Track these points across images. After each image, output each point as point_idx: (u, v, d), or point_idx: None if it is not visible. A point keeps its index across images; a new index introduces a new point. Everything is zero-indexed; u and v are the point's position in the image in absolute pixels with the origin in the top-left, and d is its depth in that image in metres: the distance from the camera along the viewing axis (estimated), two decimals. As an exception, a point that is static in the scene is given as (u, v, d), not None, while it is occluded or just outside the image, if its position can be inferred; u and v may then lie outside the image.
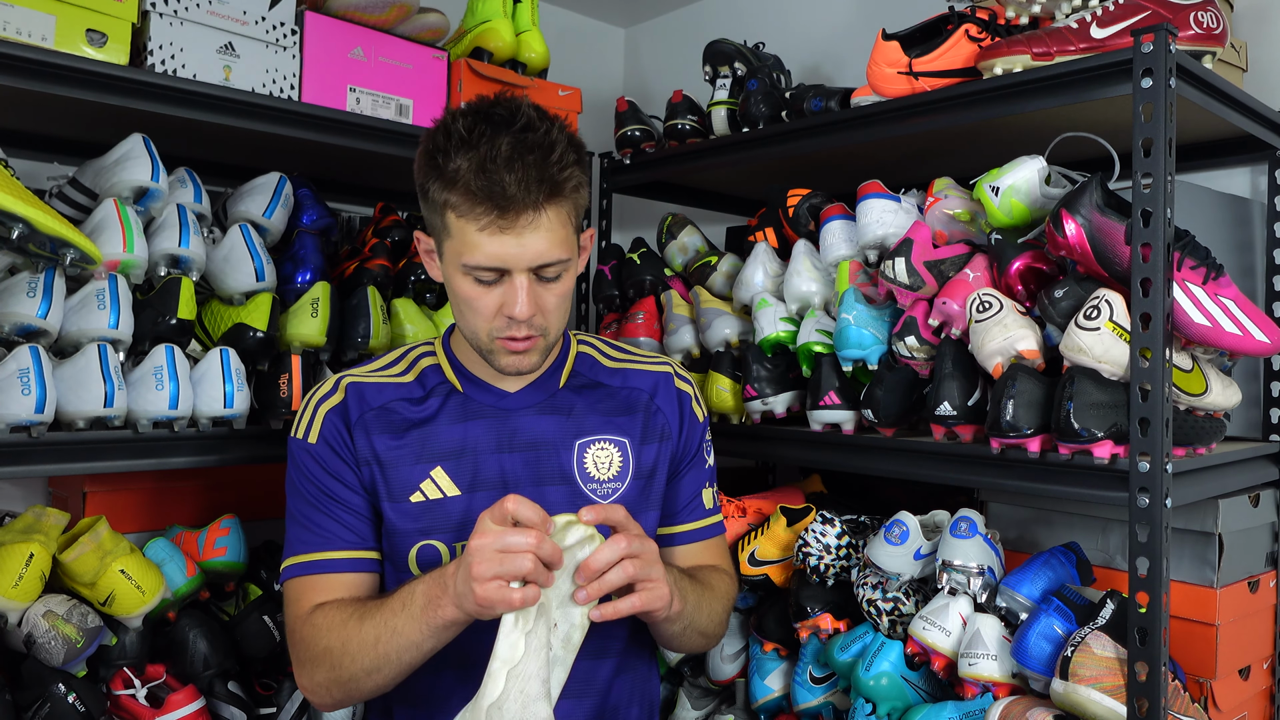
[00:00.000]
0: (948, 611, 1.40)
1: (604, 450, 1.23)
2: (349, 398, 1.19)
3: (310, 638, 1.11)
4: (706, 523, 1.32)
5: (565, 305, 1.16)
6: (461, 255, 1.09)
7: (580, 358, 1.29)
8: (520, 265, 1.08)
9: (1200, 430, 1.31)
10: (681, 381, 1.31)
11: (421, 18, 1.70)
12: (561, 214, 1.09)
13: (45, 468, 1.31)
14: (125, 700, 1.41)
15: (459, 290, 1.12)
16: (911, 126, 1.49)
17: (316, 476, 1.17)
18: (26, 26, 1.30)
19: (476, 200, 1.05)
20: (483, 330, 1.13)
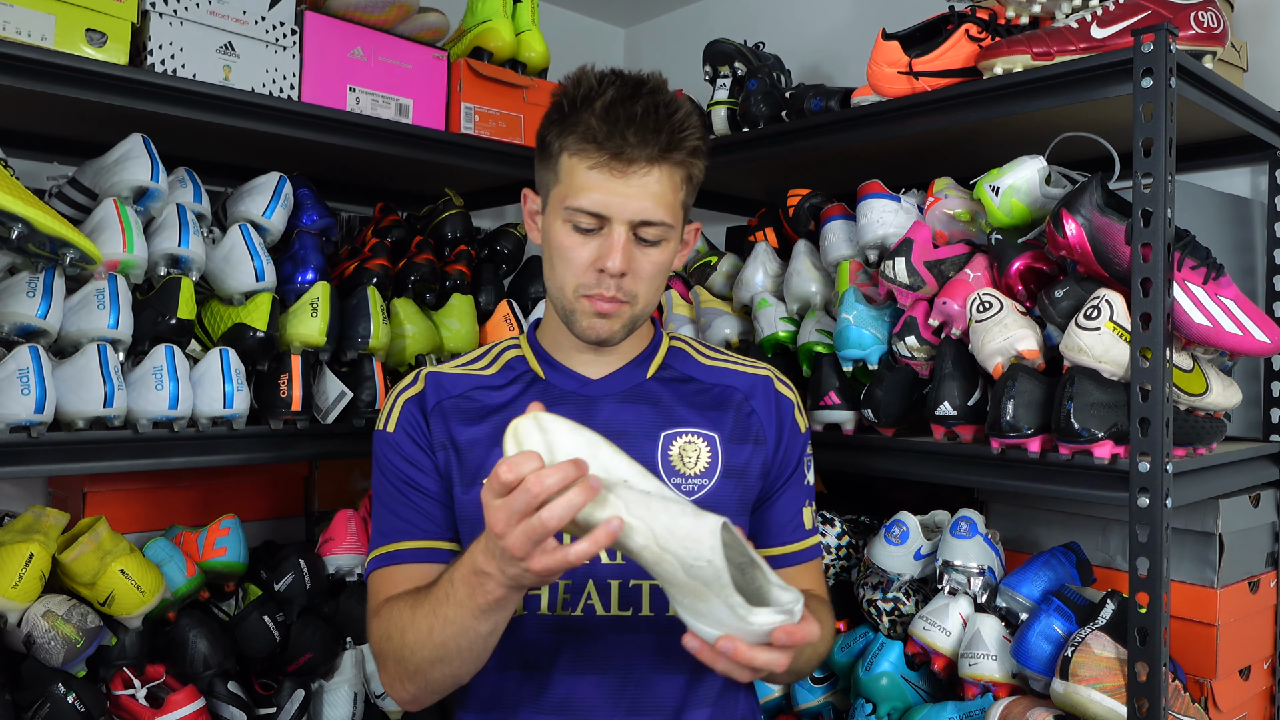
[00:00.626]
0: (948, 611, 1.40)
1: (691, 444, 1.16)
2: (427, 386, 1.18)
3: (377, 633, 1.09)
4: (807, 544, 1.22)
5: (659, 280, 1.13)
6: (566, 198, 1.07)
7: (673, 351, 1.24)
8: (623, 215, 1.06)
9: (1200, 430, 1.31)
10: (784, 387, 1.23)
11: (421, 17, 1.70)
12: (674, 178, 1.08)
13: (45, 468, 1.30)
14: (125, 700, 1.41)
15: (555, 239, 1.10)
16: (911, 126, 1.49)
17: (396, 465, 1.15)
18: (26, 26, 1.30)
19: (594, 141, 1.05)
20: (570, 285, 1.10)
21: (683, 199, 1.12)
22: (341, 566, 1.61)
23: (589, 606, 1.11)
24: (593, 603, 1.11)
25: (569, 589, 1.12)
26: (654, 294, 1.13)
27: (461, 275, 1.76)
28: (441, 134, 1.71)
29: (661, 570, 0.85)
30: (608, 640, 1.11)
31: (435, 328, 1.70)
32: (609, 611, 1.11)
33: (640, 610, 1.11)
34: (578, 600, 1.11)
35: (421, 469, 1.15)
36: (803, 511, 1.21)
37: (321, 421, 1.55)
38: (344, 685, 1.57)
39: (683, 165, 1.09)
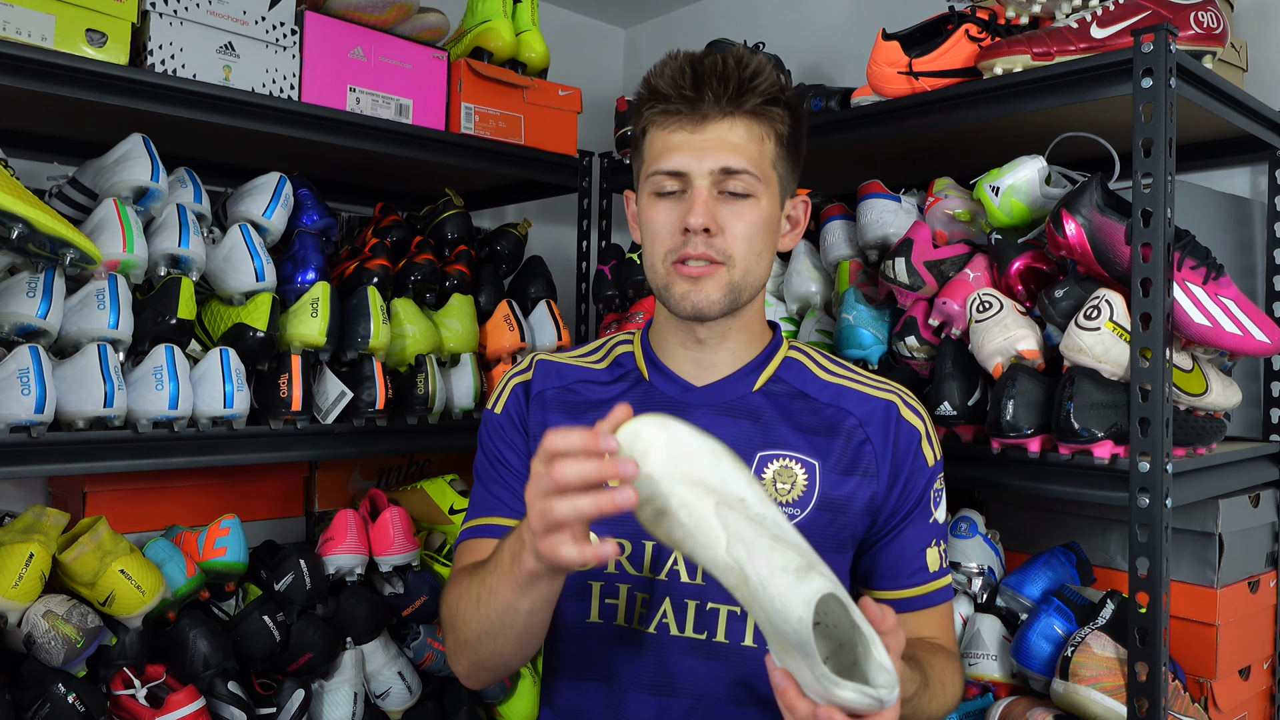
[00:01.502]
0: (948, 611, 1.40)
1: (787, 469, 1.08)
2: (536, 372, 1.17)
3: (446, 600, 1.08)
4: (930, 588, 1.11)
5: (757, 245, 1.07)
6: (648, 167, 1.06)
7: (788, 363, 1.15)
8: (701, 167, 1.03)
9: (1200, 430, 1.31)
10: (910, 414, 1.13)
11: (421, 18, 1.70)
12: (754, 129, 1.05)
13: (45, 468, 1.30)
14: (125, 700, 1.41)
15: (643, 215, 1.09)
16: (911, 126, 1.49)
17: (495, 444, 1.16)
18: (26, 26, 1.30)
19: (668, 103, 1.04)
20: (659, 254, 1.07)
21: (770, 157, 1.08)
22: (341, 566, 1.61)
23: (663, 625, 1.07)
24: (667, 621, 1.07)
25: (645, 603, 1.08)
26: (754, 260, 1.07)
27: (461, 275, 1.77)
28: (441, 134, 1.71)
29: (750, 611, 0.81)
30: (679, 663, 1.06)
31: (435, 328, 1.70)
32: (683, 632, 1.07)
33: (715, 635, 1.06)
34: (652, 616, 1.07)
35: (516, 451, 1.15)
36: (926, 552, 1.11)
37: (321, 421, 1.55)
38: (344, 685, 1.57)
39: (761, 116, 1.06)
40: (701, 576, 1.06)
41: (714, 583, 1.01)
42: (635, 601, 1.08)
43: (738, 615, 1.06)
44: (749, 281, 1.08)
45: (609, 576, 1.09)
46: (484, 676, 1.07)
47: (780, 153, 1.09)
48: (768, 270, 1.11)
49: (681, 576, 1.07)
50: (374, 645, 1.62)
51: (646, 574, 1.08)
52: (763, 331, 1.17)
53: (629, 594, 1.08)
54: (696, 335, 1.11)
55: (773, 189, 1.08)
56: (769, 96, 1.06)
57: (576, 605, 1.11)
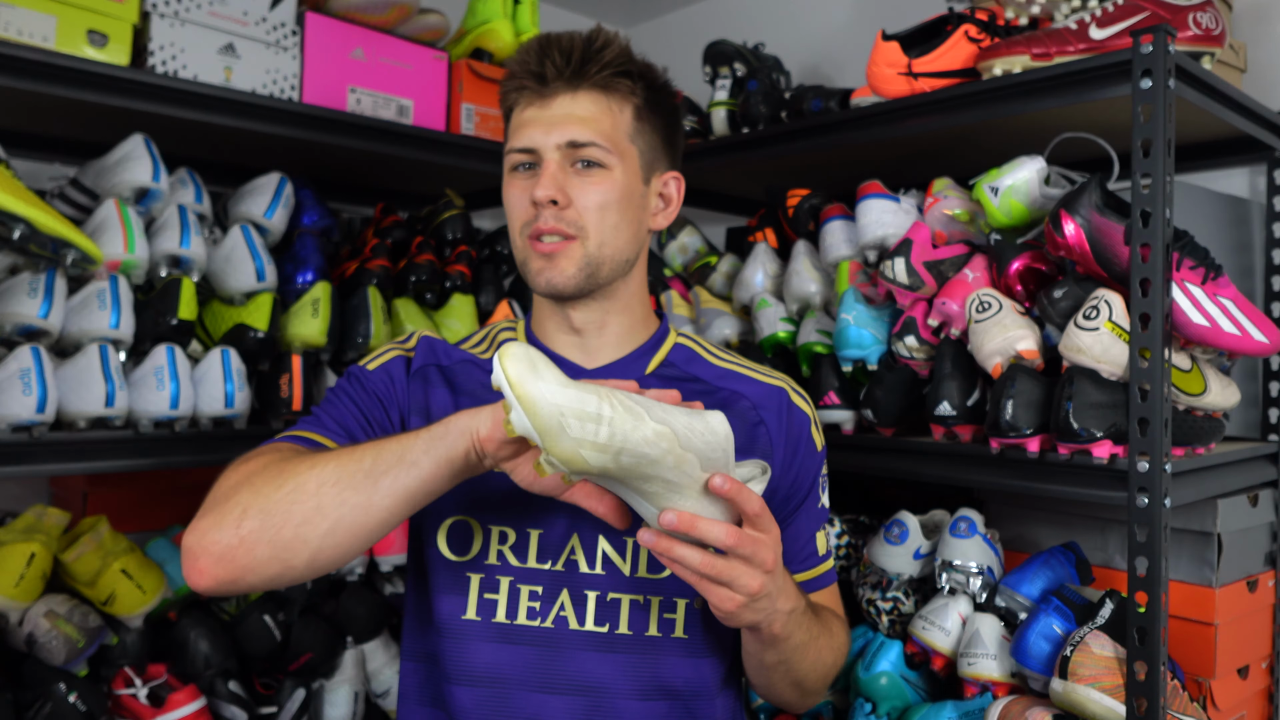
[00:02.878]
0: (947, 611, 1.40)
1: None
2: (420, 349, 1.12)
3: (233, 478, 0.92)
4: (821, 570, 1.14)
5: (612, 218, 1.04)
6: (506, 147, 1.07)
7: (678, 349, 1.15)
8: (548, 141, 1.03)
9: (1199, 430, 1.31)
10: (800, 400, 1.13)
11: (422, 18, 1.70)
12: (602, 102, 1.05)
13: (46, 468, 1.31)
14: (126, 700, 1.42)
15: (504, 193, 1.08)
16: (911, 127, 1.49)
17: (349, 389, 1.08)
18: (27, 27, 1.30)
19: (520, 79, 1.05)
20: (518, 231, 1.06)
21: (626, 128, 1.06)
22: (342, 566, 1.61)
23: (561, 619, 1.02)
24: (565, 615, 1.02)
25: (535, 596, 1.02)
26: (609, 232, 1.05)
27: (462, 275, 1.77)
28: (442, 134, 1.72)
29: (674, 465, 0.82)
30: (579, 659, 1.01)
31: (436, 328, 1.70)
32: (583, 626, 1.02)
33: (618, 627, 1.02)
34: (549, 610, 1.02)
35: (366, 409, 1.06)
36: (816, 538, 1.13)
37: (322, 421, 1.55)
38: (345, 685, 1.57)
39: (611, 89, 1.05)
40: (601, 566, 1.03)
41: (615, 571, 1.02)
42: (519, 595, 1.02)
43: (640, 604, 1.03)
44: (605, 254, 1.05)
45: (489, 568, 1.03)
46: (245, 581, 0.87)
47: (639, 126, 1.08)
48: (630, 245, 1.08)
49: (580, 566, 1.03)
50: (374, 644, 1.62)
51: (533, 564, 1.03)
52: (647, 317, 1.15)
53: (511, 587, 1.02)
54: (572, 324, 1.09)
55: (630, 162, 1.07)
56: (617, 68, 1.05)
57: (451, 600, 1.03)
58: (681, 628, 1.04)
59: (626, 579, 1.04)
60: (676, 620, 1.04)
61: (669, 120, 1.12)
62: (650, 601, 1.03)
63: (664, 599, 1.04)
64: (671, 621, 1.04)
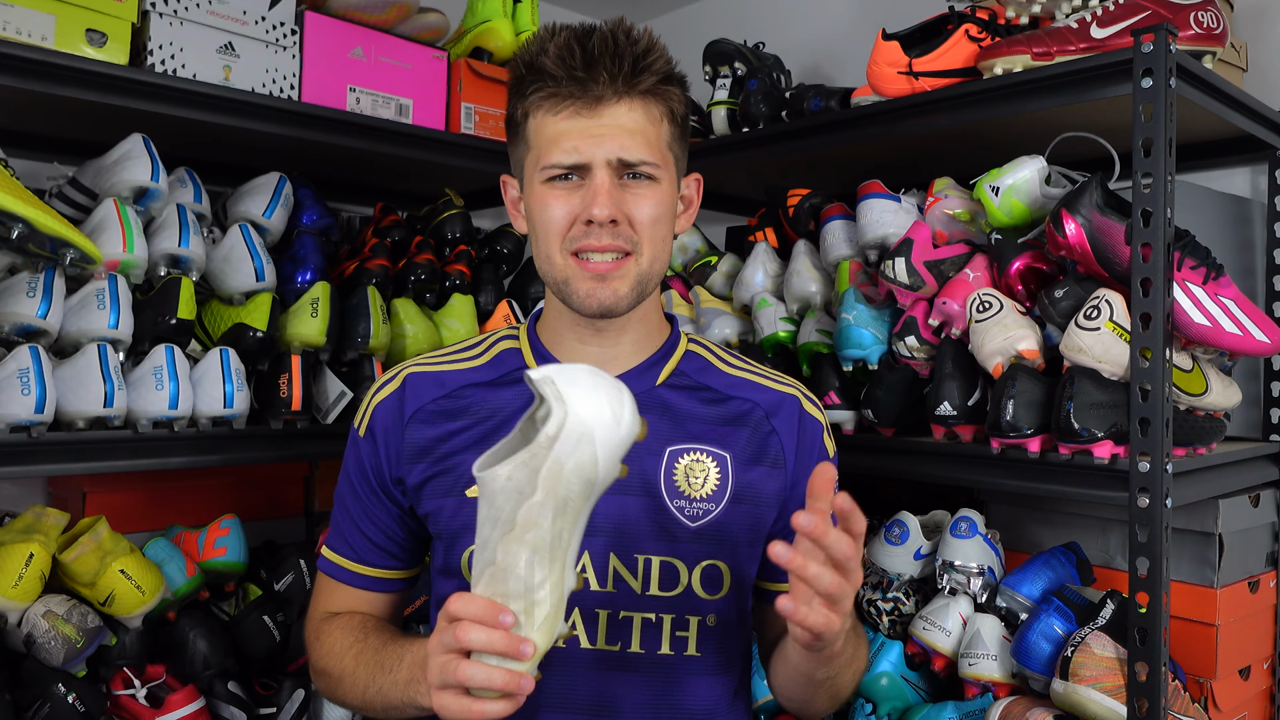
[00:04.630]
0: (948, 611, 1.40)
1: (699, 462, 1.04)
2: (406, 389, 1.07)
3: (313, 646, 1.09)
4: None
5: (661, 231, 1.01)
6: (540, 160, 0.99)
7: (690, 356, 1.11)
8: (600, 155, 0.97)
9: (1200, 430, 1.31)
10: (812, 408, 1.12)
11: (421, 18, 1.70)
12: (650, 109, 0.99)
13: (45, 468, 1.31)
14: (125, 700, 1.41)
15: (536, 208, 1.00)
16: (911, 126, 1.49)
17: (355, 473, 1.09)
18: (26, 26, 1.30)
19: (556, 85, 0.97)
20: (557, 249, 0.99)
21: (667, 138, 1.02)
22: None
23: (572, 638, 1.01)
24: (577, 634, 1.01)
25: None
26: (659, 249, 1.02)
27: (462, 275, 1.76)
28: (441, 134, 1.71)
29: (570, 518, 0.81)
30: (592, 677, 1.01)
31: (435, 328, 1.70)
32: (594, 645, 1.01)
33: (630, 646, 1.01)
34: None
35: (375, 491, 1.08)
36: None
37: (321, 421, 1.55)
38: (344, 685, 1.57)
39: (658, 96, 1.00)
40: (612, 584, 1.01)
41: (627, 589, 1.01)
42: None
43: (652, 623, 1.01)
44: (655, 270, 1.03)
45: None
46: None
47: (675, 132, 1.04)
48: (669, 255, 1.06)
49: (591, 584, 1.01)
50: (374, 645, 1.62)
51: None
52: (661, 323, 1.12)
53: None
54: (596, 327, 1.05)
55: (671, 171, 1.03)
56: (664, 74, 1.00)
57: None
58: (694, 645, 1.03)
59: (639, 597, 1.02)
60: (689, 638, 1.03)
61: (688, 120, 1.09)
62: (663, 620, 1.02)
63: (676, 617, 1.02)
64: (684, 640, 1.02)
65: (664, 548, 1.02)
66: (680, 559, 1.02)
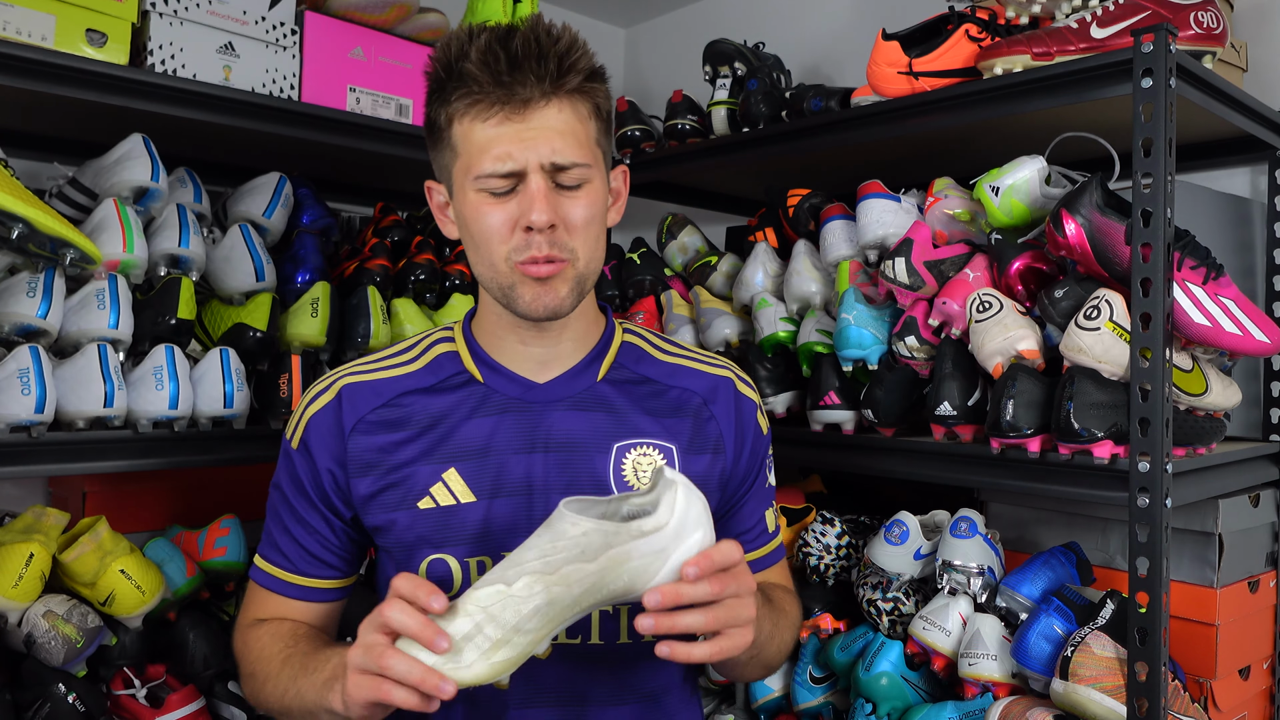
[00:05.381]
0: (948, 611, 1.40)
1: (646, 456, 1.06)
2: (343, 401, 1.05)
3: (243, 652, 1.07)
4: (771, 548, 1.17)
5: (595, 230, 1.01)
6: (471, 169, 0.97)
7: (626, 348, 1.12)
8: (533, 162, 0.95)
9: (1200, 430, 1.31)
10: (745, 388, 1.14)
11: (421, 18, 1.70)
12: (578, 108, 0.98)
13: (45, 468, 1.31)
14: (125, 700, 1.41)
15: (470, 215, 0.99)
16: (911, 126, 1.49)
17: (289, 485, 1.08)
18: (26, 26, 1.30)
19: (480, 92, 0.95)
20: (500, 256, 0.98)
21: (595, 134, 1.01)
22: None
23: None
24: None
25: None
26: (595, 249, 1.02)
27: (461, 275, 1.77)
28: (441, 134, 1.71)
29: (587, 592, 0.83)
30: (557, 671, 1.04)
31: (435, 327, 1.70)
32: (557, 640, 1.01)
33: (590, 638, 1.04)
34: None
35: (312, 502, 1.07)
36: (766, 516, 1.16)
37: (321, 421, 1.55)
38: (344, 685, 1.57)
39: (584, 94, 0.99)
40: None
41: None
42: None
43: (610, 614, 1.04)
44: (592, 269, 1.02)
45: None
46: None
47: (601, 127, 1.03)
48: (604, 252, 1.05)
49: None
50: (374, 645, 1.62)
51: None
52: (597, 316, 1.12)
53: None
54: (540, 328, 1.05)
55: (601, 168, 1.02)
56: (589, 72, 0.99)
57: None
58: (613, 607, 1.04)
59: None
60: None
61: (611, 114, 1.07)
62: (619, 611, 1.04)
63: (632, 607, 1.03)
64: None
65: None
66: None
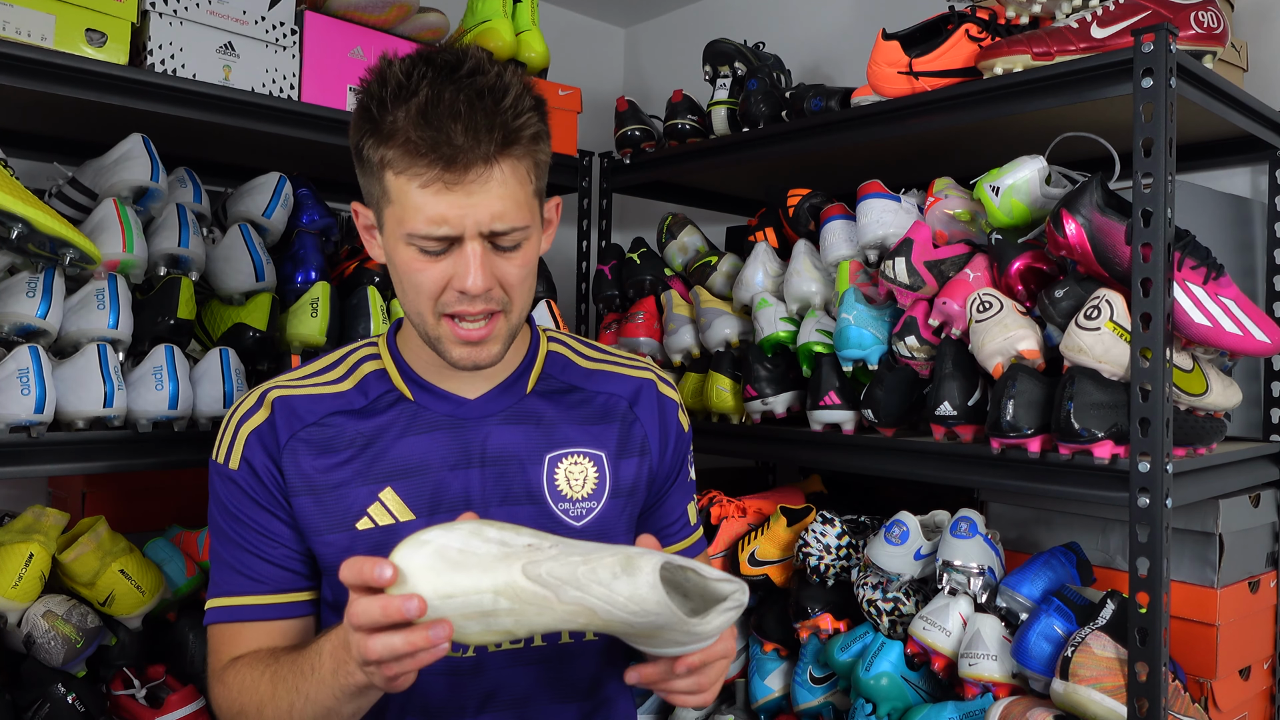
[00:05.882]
0: (948, 612, 1.40)
1: (577, 465, 1.08)
2: (276, 416, 1.03)
3: (223, 698, 1.00)
4: (692, 540, 1.20)
5: (530, 280, 1.00)
6: (404, 223, 0.93)
7: (551, 358, 1.13)
8: (471, 229, 0.93)
9: (1200, 430, 1.31)
10: (666, 387, 1.16)
11: (421, 17, 1.70)
12: (519, 170, 0.94)
13: (45, 468, 1.31)
14: (125, 700, 1.41)
15: (400, 264, 0.97)
16: (911, 126, 1.49)
17: (239, 506, 1.03)
18: (26, 26, 1.30)
19: (418, 153, 0.90)
20: (428, 310, 0.97)
21: (534, 188, 0.98)
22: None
23: (480, 646, 1.01)
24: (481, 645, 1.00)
25: None
26: (527, 295, 1.01)
27: (461, 275, 1.76)
28: (441, 134, 1.71)
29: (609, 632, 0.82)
30: (502, 676, 1.04)
31: (435, 328, 1.70)
32: (500, 646, 1.03)
33: (533, 642, 1.05)
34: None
35: (272, 512, 1.03)
36: (688, 510, 1.19)
37: (321, 421, 1.55)
38: (344, 685, 1.57)
39: (527, 155, 0.95)
40: None
41: None
42: None
43: None
44: (523, 314, 1.03)
45: None
46: None
47: (540, 176, 1.00)
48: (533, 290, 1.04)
49: None
50: (374, 645, 1.62)
51: None
52: (524, 329, 1.12)
53: None
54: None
55: (538, 219, 1.01)
56: (533, 134, 0.95)
57: None
58: (591, 632, 1.04)
59: None
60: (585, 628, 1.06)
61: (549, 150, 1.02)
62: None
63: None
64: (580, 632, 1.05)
65: None
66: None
